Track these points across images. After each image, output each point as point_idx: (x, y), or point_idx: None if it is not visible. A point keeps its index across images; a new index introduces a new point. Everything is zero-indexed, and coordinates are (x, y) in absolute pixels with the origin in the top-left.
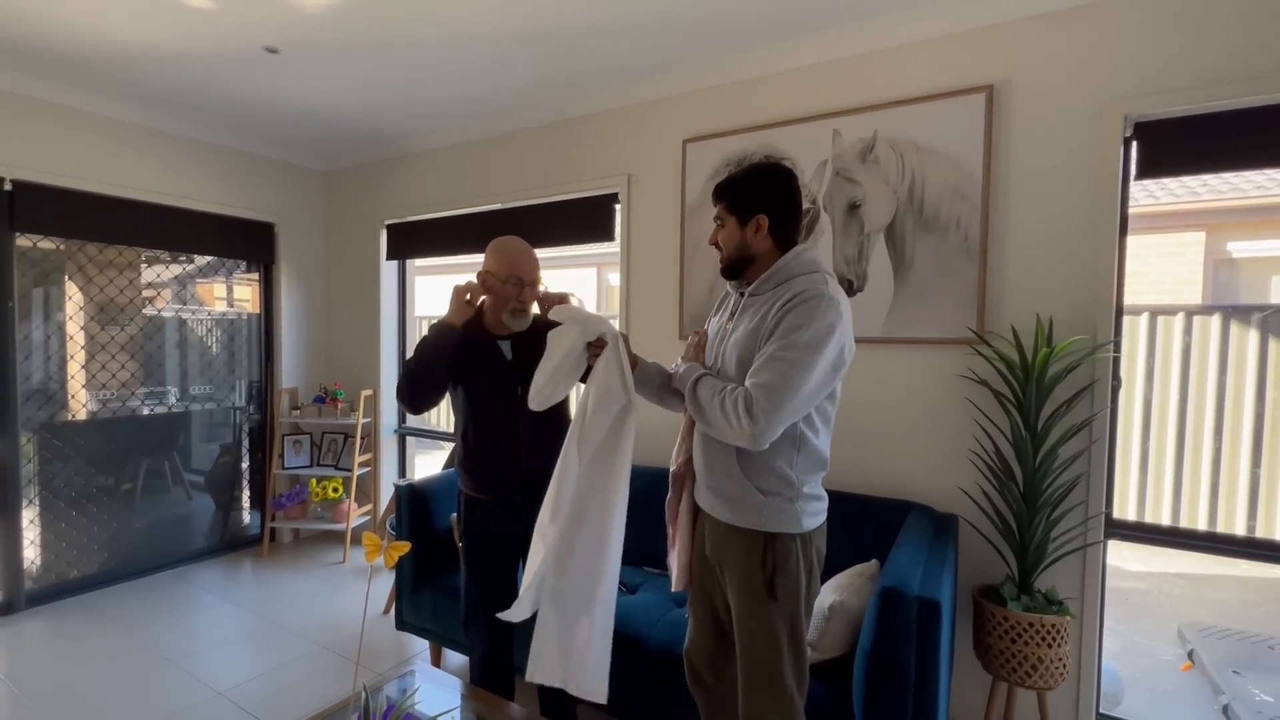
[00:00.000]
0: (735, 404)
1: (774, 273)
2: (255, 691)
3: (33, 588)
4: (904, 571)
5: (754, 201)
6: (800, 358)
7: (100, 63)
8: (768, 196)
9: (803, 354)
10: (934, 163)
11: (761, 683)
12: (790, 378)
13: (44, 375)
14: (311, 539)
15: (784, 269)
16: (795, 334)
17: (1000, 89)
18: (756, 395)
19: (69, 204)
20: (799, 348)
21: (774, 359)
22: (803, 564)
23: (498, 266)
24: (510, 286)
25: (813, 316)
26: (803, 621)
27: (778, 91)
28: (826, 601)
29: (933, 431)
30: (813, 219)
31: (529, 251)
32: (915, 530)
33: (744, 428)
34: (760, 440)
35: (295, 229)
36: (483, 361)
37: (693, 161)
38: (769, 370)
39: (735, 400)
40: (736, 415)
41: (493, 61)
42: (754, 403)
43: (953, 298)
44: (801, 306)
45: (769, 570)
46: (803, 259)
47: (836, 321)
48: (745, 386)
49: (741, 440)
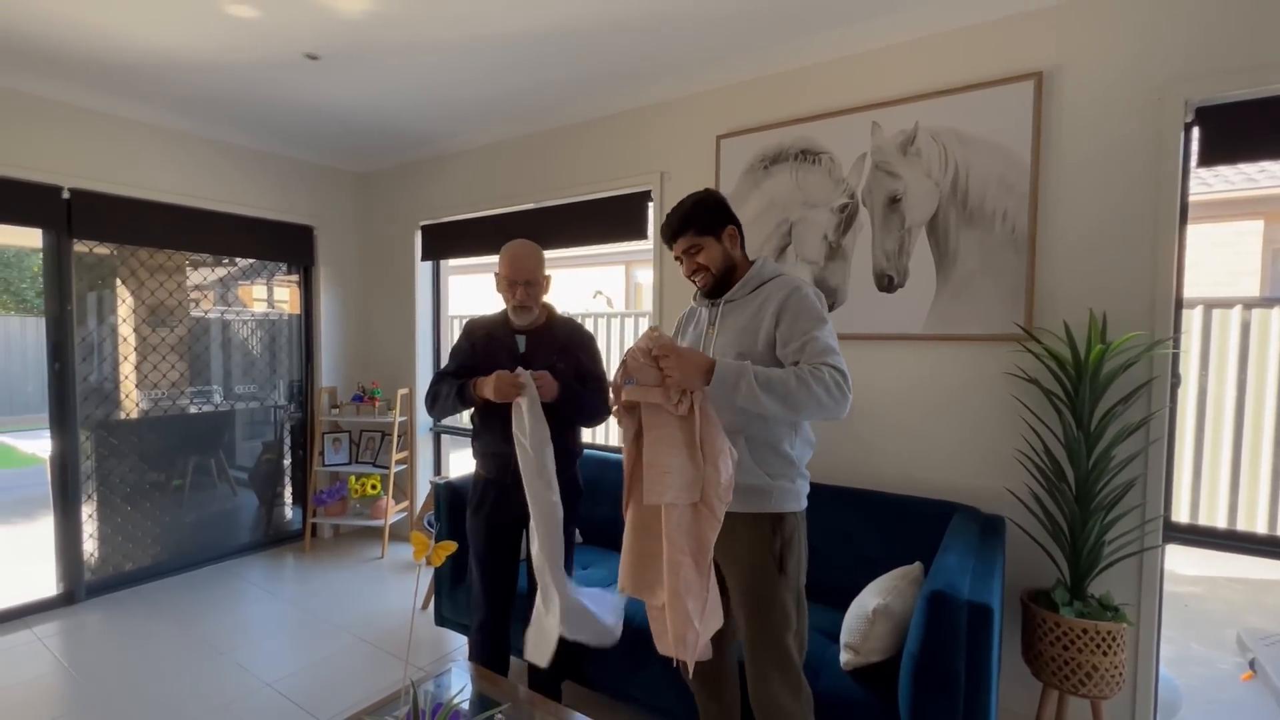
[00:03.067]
0: (826, 380)
1: (749, 279)
2: (301, 683)
3: (92, 579)
4: (953, 575)
5: (718, 218)
6: (830, 330)
7: (150, 73)
8: (724, 210)
9: (829, 330)
10: (979, 153)
11: (771, 657)
12: (836, 348)
13: (100, 375)
14: (351, 535)
15: (757, 275)
16: (814, 317)
17: (1050, 75)
18: (838, 365)
19: (122, 211)
20: (826, 324)
21: (816, 339)
22: (803, 540)
23: (500, 268)
24: (508, 286)
25: (814, 301)
26: (803, 594)
27: (814, 84)
28: (870, 605)
29: (978, 431)
30: (851, 213)
31: (524, 255)
32: (961, 533)
33: (846, 396)
34: (846, 394)
35: (333, 231)
36: (500, 352)
37: (727, 157)
38: (819, 345)
39: (822, 376)
40: (838, 387)
41: (526, 60)
42: (842, 375)
43: (999, 293)
44: (799, 297)
45: (779, 547)
46: (769, 266)
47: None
48: (819, 364)
49: (838, 411)
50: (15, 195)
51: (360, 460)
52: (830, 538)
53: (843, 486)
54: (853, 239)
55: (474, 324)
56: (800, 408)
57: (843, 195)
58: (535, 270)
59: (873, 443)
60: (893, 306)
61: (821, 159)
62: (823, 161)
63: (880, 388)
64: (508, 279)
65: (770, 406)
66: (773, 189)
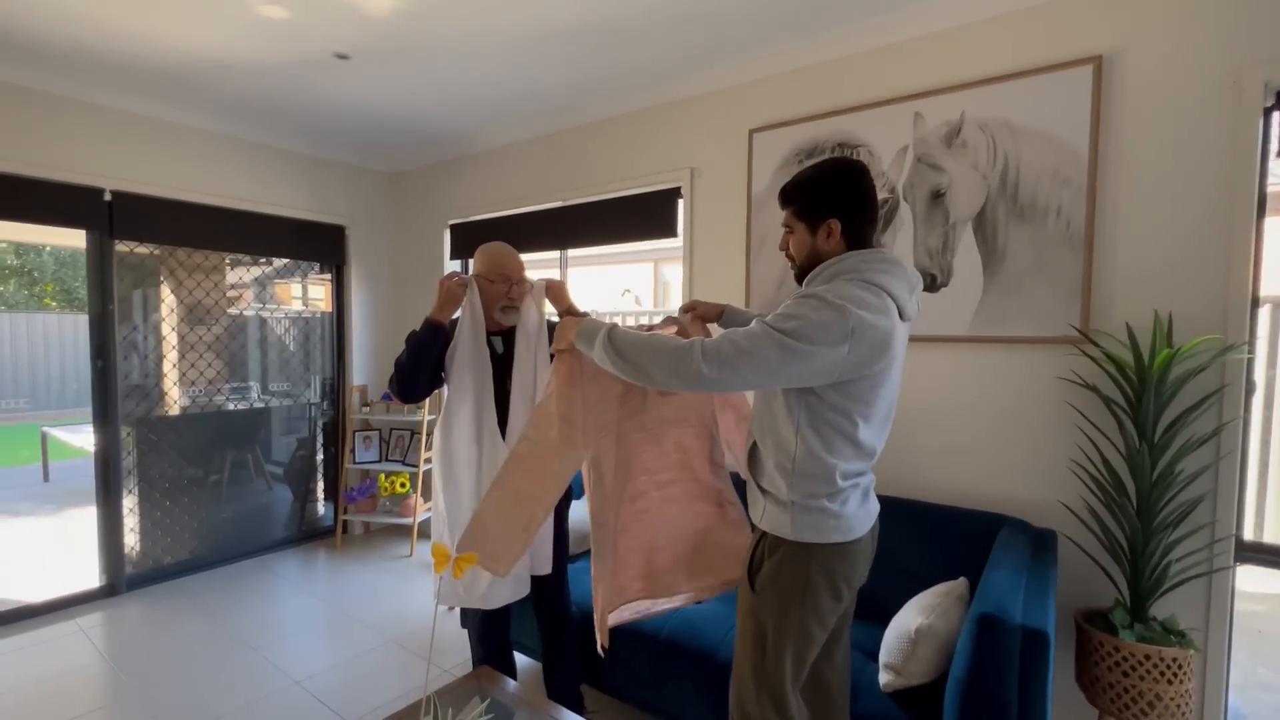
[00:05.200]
0: (678, 347)
1: (818, 274)
2: (329, 682)
3: (132, 572)
4: (1003, 596)
5: (824, 205)
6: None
7: (187, 77)
8: (838, 198)
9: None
10: (1031, 144)
11: (735, 679)
12: (756, 347)
13: (142, 372)
14: (381, 532)
15: (824, 272)
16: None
17: (1110, 60)
18: (725, 343)
19: (161, 212)
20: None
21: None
22: (802, 576)
23: (486, 268)
24: (499, 285)
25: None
26: (785, 639)
27: (852, 74)
28: (912, 624)
29: (1028, 439)
30: (891, 209)
31: (513, 253)
32: (1011, 548)
33: (692, 359)
34: (702, 374)
35: (365, 231)
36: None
37: (760, 152)
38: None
39: (683, 344)
40: (687, 351)
41: (555, 55)
42: (710, 351)
43: (1052, 292)
44: (798, 300)
45: (756, 561)
46: (847, 262)
47: (834, 323)
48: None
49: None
50: (60, 197)
51: (390, 458)
52: None
53: (881, 495)
54: (893, 236)
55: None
56: (648, 378)
57: (882, 190)
58: (522, 268)
59: (913, 450)
60: (936, 306)
61: (859, 152)
62: (861, 155)
63: (922, 392)
64: (506, 277)
65: (623, 371)
66: None
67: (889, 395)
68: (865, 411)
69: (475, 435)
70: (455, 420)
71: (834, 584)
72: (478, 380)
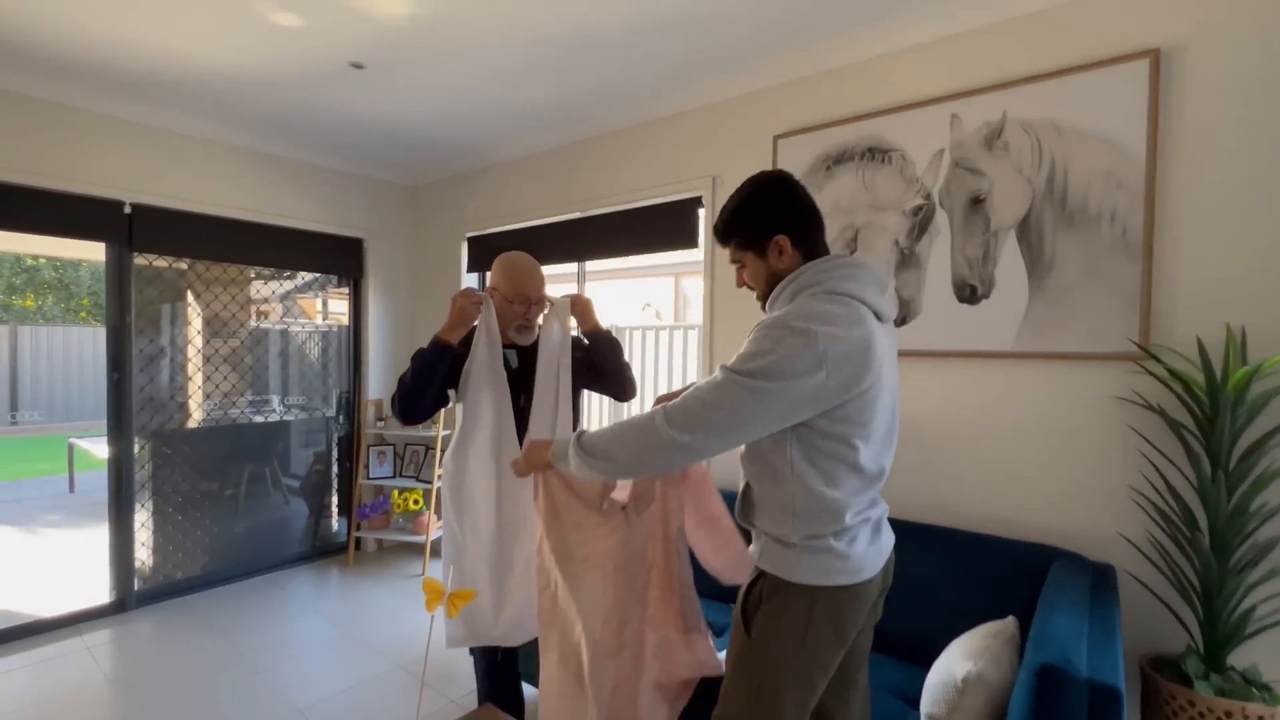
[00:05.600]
0: (642, 422)
1: (779, 293)
2: (332, 711)
3: (143, 588)
4: (1065, 643)
5: (765, 225)
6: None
7: (205, 89)
8: (777, 213)
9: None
10: (1080, 145)
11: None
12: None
13: (159, 385)
14: (394, 549)
15: (785, 291)
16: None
17: (1169, 53)
18: (679, 409)
19: (179, 224)
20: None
21: (701, 384)
22: (803, 621)
23: (505, 285)
24: (517, 305)
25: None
26: (784, 689)
27: (884, 75)
28: (959, 670)
29: (1082, 464)
30: (926, 216)
31: (537, 270)
32: (1067, 586)
33: (660, 430)
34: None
35: (382, 244)
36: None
37: (785, 159)
38: (696, 390)
39: (645, 419)
40: (651, 423)
41: (571, 62)
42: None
43: (1107, 304)
44: (758, 333)
45: (753, 604)
46: (805, 276)
47: (803, 351)
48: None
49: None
50: (81, 210)
51: (404, 474)
52: (904, 582)
53: (917, 523)
54: (928, 244)
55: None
56: (627, 467)
57: (916, 196)
58: (543, 287)
59: (953, 475)
60: (976, 320)
61: (892, 157)
62: (893, 160)
63: (962, 412)
64: (525, 297)
65: (604, 470)
66: (836, 192)
67: (887, 407)
68: (863, 433)
69: (493, 452)
70: (472, 438)
71: (840, 630)
72: (496, 397)
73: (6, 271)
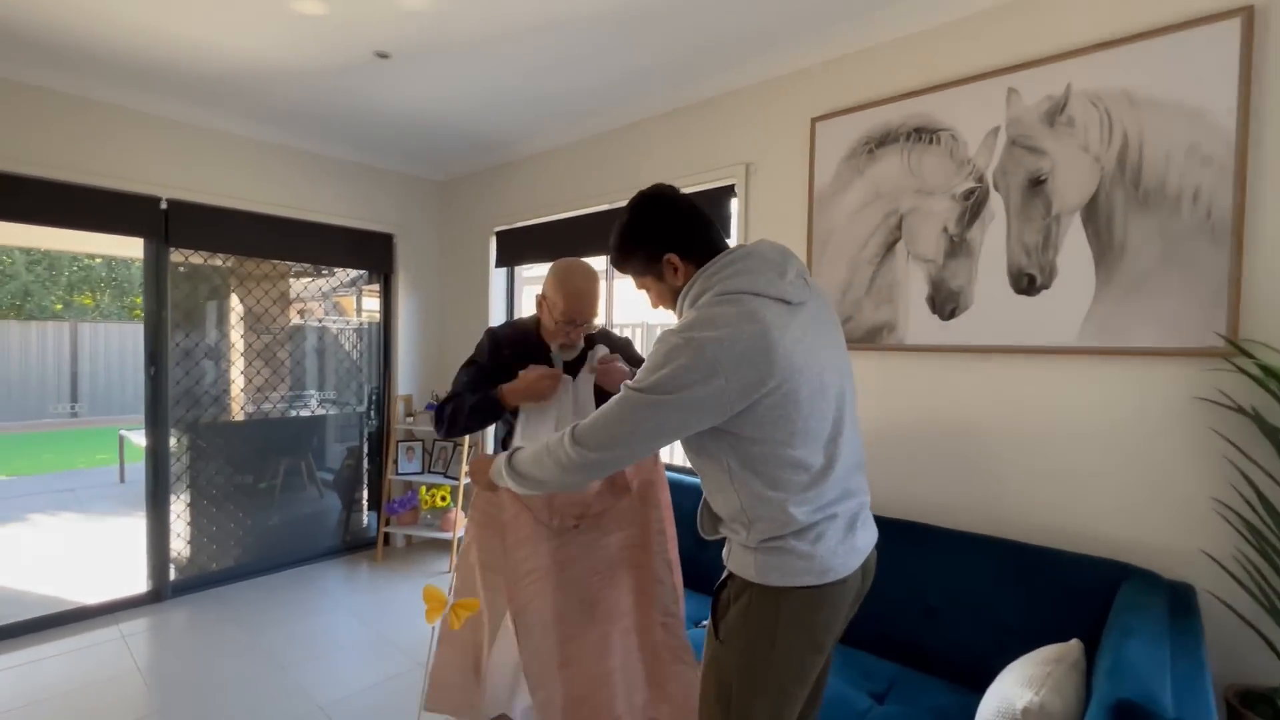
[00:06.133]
0: (561, 438)
1: (679, 310)
2: (353, 708)
3: (178, 578)
4: (1146, 675)
5: (651, 249)
6: (643, 403)
7: (235, 84)
8: (657, 233)
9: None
10: (1158, 118)
11: None
12: (622, 413)
13: (197, 380)
14: (422, 545)
15: (685, 299)
16: (641, 375)
17: (1264, 10)
18: (582, 443)
19: (214, 220)
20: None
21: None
22: (770, 624)
23: (556, 301)
24: (564, 325)
25: (659, 356)
26: (753, 697)
27: (932, 49)
28: (1019, 700)
29: (1157, 472)
30: (979, 200)
31: (591, 290)
32: (1142, 608)
33: (568, 451)
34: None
35: (412, 239)
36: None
37: (823, 143)
38: (595, 417)
39: (559, 446)
40: (560, 444)
41: (599, 47)
42: (575, 452)
43: (1188, 294)
44: (654, 347)
45: (723, 607)
46: (699, 283)
47: (693, 361)
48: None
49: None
50: (121, 206)
51: (432, 470)
52: (951, 595)
53: (966, 532)
54: (980, 231)
55: (500, 338)
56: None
57: (968, 179)
58: (595, 307)
59: (1005, 481)
60: (1035, 312)
61: (941, 137)
62: (942, 140)
63: (1017, 414)
64: (570, 318)
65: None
66: (879, 176)
67: (816, 397)
68: (790, 431)
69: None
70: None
71: (811, 634)
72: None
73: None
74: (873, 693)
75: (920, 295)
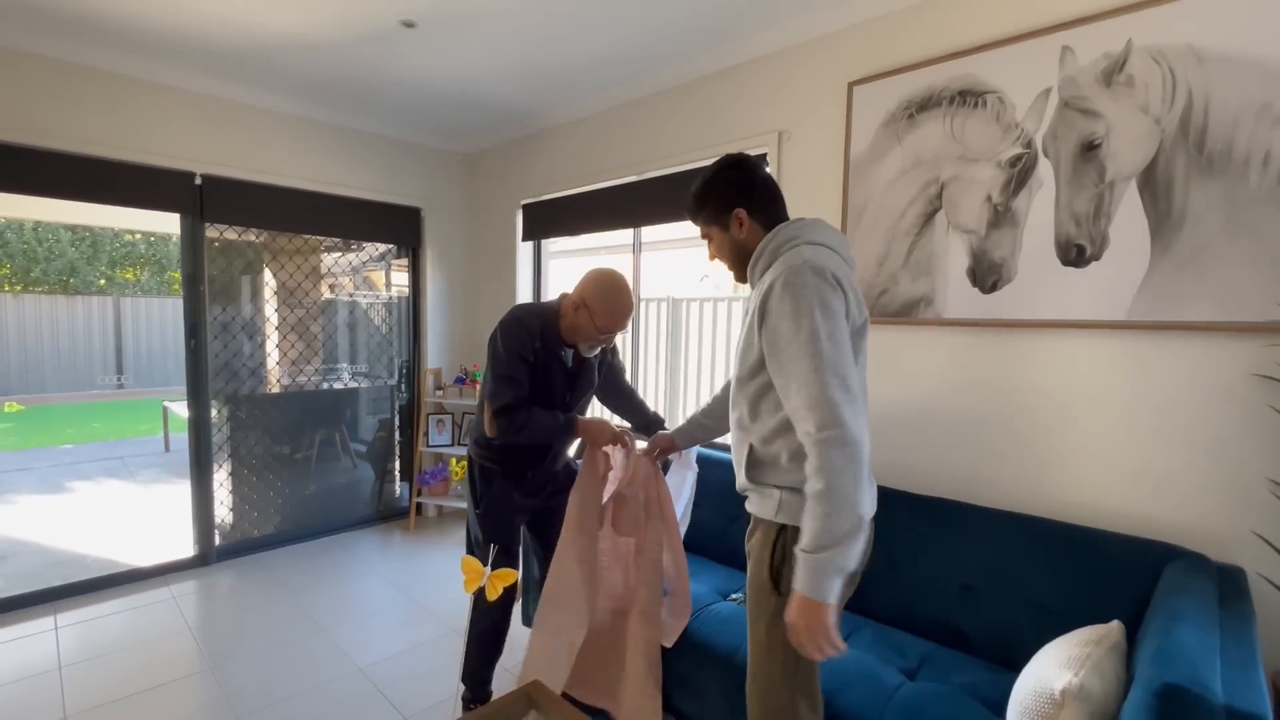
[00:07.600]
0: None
1: (757, 259)
2: (390, 670)
3: (222, 544)
4: (1194, 660)
5: (723, 202)
6: (821, 352)
7: (264, 57)
8: (735, 190)
9: (819, 352)
10: (1227, 74)
11: (757, 695)
12: (826, 394)
13: (234, 352)
14: (452, 515)
15: (764, 252)
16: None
17: None
18: (828, 424)
19: (246, 195)
20: (814, 344)
21: (793, 387)
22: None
23: (597, 311)
24: (601, 335)
25: (802, 296)
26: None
27: (977, 7)
28: (1057, 681)
29: (1209, 451)
30: (1026, 167)
31: (630, 309)
32: (1190, 590)
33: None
34: (851, 434)
35: (440, 212)
36: (554, 365)
37: (860, 108)
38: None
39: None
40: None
41: (630, 7)
42: (840, 439)
43: (1252, 266)
44: (780, 292)
45: (777, 560)
46: (779, 236)
47: (815, 279)
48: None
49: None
50: (156, 182)
51: (461, 442)
52: (987, 573)
53: (1006, 510)
54: (1026, 199)
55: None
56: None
57: (1015, 144)
58: (628, 321)
59: (1048, 458)
60: (1084, 285)
61: (987, 100)
62: (989, 103)
63: (1062, 390)
64: (606, 332)
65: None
66: (919, 143)
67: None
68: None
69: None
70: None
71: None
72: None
73: (108, 247)
74: (904, 669)
75: (960, 267)
